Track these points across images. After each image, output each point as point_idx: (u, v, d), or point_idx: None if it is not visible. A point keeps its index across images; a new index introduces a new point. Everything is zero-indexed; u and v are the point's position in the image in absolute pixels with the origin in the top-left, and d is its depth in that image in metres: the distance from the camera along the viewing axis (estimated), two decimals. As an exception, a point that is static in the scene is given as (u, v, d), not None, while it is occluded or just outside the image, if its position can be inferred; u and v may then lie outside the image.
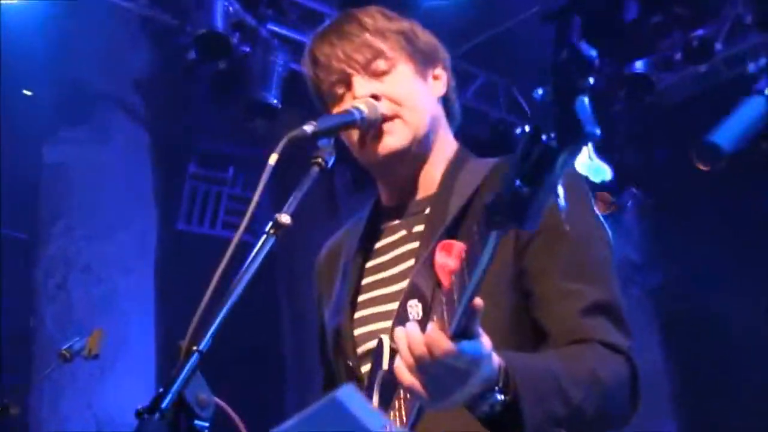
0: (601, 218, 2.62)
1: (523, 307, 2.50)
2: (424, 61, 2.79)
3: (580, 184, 2.63)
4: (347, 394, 1.95)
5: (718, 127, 1.48)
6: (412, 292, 2.47)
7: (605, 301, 2.47)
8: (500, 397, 2.11)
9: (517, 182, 1.72)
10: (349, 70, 2.72)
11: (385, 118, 2.66)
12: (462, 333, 2.01)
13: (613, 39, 8.24)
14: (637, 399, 2.45)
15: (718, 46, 8.54)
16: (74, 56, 8.06)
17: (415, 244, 2.67)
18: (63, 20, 7.71)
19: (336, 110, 2.74)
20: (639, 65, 8.68)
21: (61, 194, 8.25)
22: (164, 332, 8.26)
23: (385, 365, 2.42)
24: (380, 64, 2.72)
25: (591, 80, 1.63)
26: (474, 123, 9.70)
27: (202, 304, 2.15)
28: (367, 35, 2.73)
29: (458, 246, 2.24)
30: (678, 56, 8.74)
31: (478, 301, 1.98)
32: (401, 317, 2.46)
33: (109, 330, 5.70)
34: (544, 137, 1.66)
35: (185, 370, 2.02)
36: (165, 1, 7.91)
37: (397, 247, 2.75)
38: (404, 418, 2.29)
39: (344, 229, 3.03)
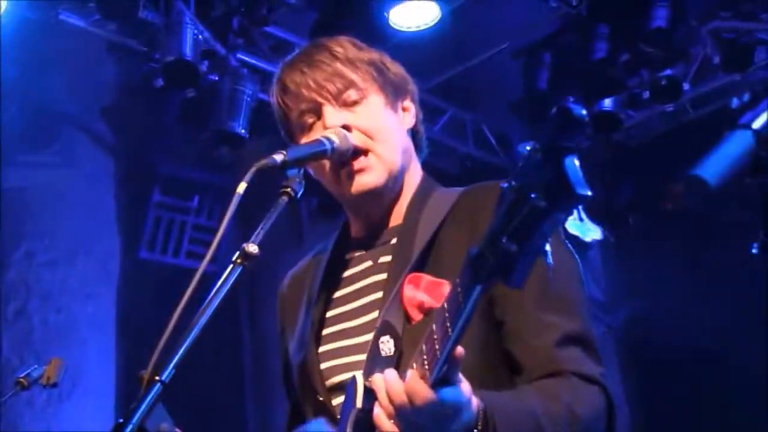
0: (572, 250, 2.61)
1: (493, 338, 2.48)
2: (394, 92, 2.78)
3: None
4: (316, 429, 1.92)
5: (704, 161, 1.46)
6: (383, 329, 2.43)
7: (577, 332, 2.47)
8: None
9: (504, 239, 1.70)
10: (320, 99, 2.69)
11: (357, 151, 2.63)
12: (442, 381, 1.99)
13: (581, 76, 8.27)
14: (613, 428, 2.44)
15: (686, 86, 8.60)
16: (40, 80, 7.99)
17: (382, 276, 2.64)
18: (30, 43, 7.63)
19: (305, 140, 2.71)
20: (607, 103, 8.72)
21: (21, 219, 8.16)
22: (124, 361, 8.16)
23: (359, 403, 2.37)
24: (351, 95, 2.69)
25: (580, 141, 1.59)
26: (441, 158, 9.70)
27: (165, 334, 2.11)
28: (338, 65, 2.71)
29: (426, 279, 2.21)
30: (646, 95, 8.78)
31: (460, 349, 1.96)
32: (374, 353, 2.43)
33: (68, 357, 5.61)
34: (532, 196, 1.64)
35: (146, 401, 1.98)
36: (134, 27, 7.85)
37: (363, 279, 2.72)
38: None
39: (308, 258, 3.00)
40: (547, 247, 1.70)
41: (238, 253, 2.27)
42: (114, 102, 8.63)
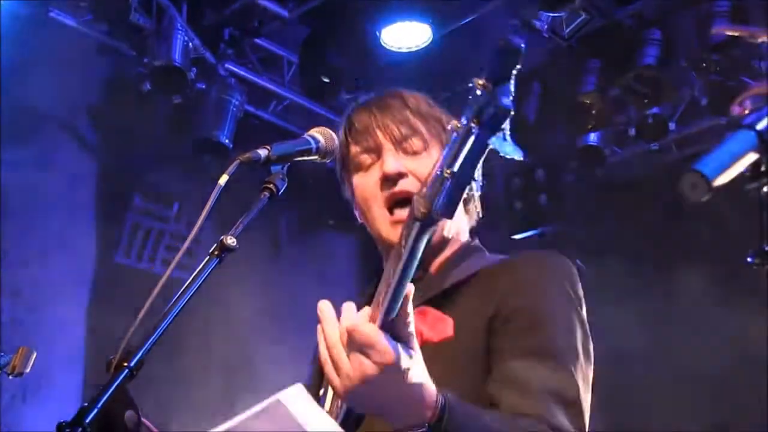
0: (573, 299, 2.58)
1: (482, 382, 2.44)
2: None
3: (560, 265, 2.64)
4: (293, 395, 1.90)
5: (704, 158, 1.47)
6: None
7: (559, 388, 2.40)
8: None
9: (440, 171, 1.78)
10: (383, 141, 2.73)
11: (406, 200, 2.61)
12: (391, 329, 1.98)
13: (569, 109, 8.29)
14: None
15: (672, 125, 8.62)
16: (26, 76, 7.94)
17: None
18: (18, 40, 7.59)
19: (358, 177, 2.78)
20: (593, 137, 8.73)
21: (-2, 215, 8.08)
22: (92, 365, 8.08)
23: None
24: (415, 143, 2.73)
25: (518, 68, 1.74)
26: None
27: (136, 322, 2.08)
28: (408, 113, 2.77)
29: (432, 313, 2.45)
30: (632, 132, 8.80)
31: (410, 286, 1.95)
32: None
33: (36, 358, 5.52)
34: (464, 122, 1.75)
35: (113, 386, 1.94)
36: (125, 30, 7.82)
37: None
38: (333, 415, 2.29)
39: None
40: (476, 175, 1.74)
41: (215, 245, 2.24)
42: (99, 104, 8.58)
